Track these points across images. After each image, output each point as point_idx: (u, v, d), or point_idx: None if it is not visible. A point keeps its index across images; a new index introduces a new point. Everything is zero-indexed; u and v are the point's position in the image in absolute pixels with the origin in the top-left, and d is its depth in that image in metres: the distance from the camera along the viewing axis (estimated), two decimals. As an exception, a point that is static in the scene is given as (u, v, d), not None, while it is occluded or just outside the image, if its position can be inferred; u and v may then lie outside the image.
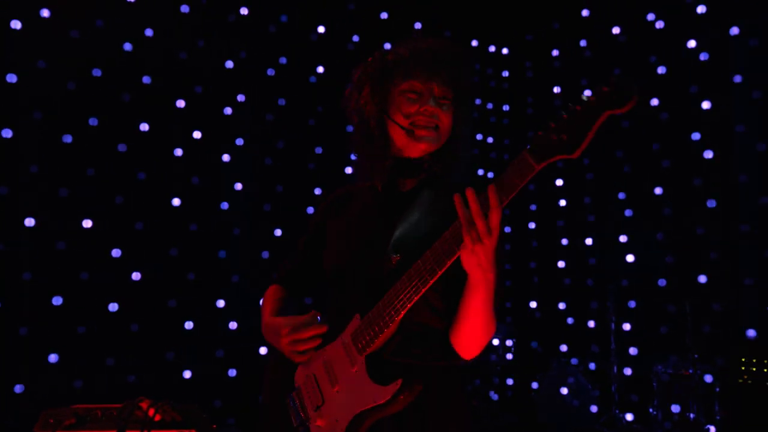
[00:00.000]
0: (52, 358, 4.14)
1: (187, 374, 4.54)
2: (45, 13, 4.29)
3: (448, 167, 1.71)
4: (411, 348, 1.58)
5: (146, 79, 4.60)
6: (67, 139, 4.34)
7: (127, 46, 4.56)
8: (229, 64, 4.90)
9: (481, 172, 5.84)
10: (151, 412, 1.26)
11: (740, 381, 4.27)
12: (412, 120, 1.64)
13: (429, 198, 1.64)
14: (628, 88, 1.23)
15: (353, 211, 1.79)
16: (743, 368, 4.29)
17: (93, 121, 4.42)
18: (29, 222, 4.17)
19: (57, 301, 4.21)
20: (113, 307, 4.36)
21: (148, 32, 4.62)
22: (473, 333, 1.55)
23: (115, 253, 4.41)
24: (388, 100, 1.69)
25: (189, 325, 4.58)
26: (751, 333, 4.43)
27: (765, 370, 4.21)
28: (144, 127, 4.57)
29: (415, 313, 1.49)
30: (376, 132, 1.70)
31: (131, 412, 1.26)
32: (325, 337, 1.65)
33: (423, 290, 1.45)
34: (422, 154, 1.69)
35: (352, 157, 1.83)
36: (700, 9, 4.81)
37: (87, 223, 4.35)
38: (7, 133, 4.13)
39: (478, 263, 1.39)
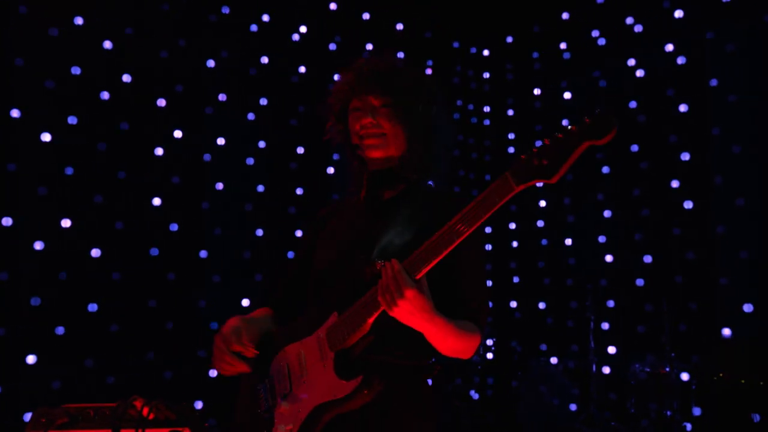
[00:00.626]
0: (30, 359, 4.09)
1: (168, 375, 4.52)
2: (23, 9, 4.24)
3: (421, 172, 1.79)
4: (383, 347, 1.64)
5: (126, 78, 4.56)
6: (46, 137, 4.28)
7: (107, 45, 4.52)
8: (211, 63, 4.88)
9: (462, 172, 5.88)
10: (145, 411, 1.27)
11: (716, 379, 4.34)
12: (360, 134, 1.76)
13: (409, 207, 1.72)
14: (608, 122, 1.33)
15: (340, 220, 1.89)
16: (719, 366, 4.37)
17: (72, 120, 4.37)
18: (6, 221, 4.11)
19: (35, 301, 4.15)
20: (92, 307, 4.32)
21: (129, 30, 4.58)
22: (449, 351, 1.65)
23: (95, 252, 4.37)
24: (348, 122, 1.81)
25: (170, 325, 4.55)
26: (727, 332, 4.51)
27: (740, 368, 4.29)
28: (124, 126, 4.53)
29: (389, 315, 1.53)
30: (349, 152, 1.84)
31: (125, 411, 1.27)
32: (305, 332, 1.72)
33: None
34: (385, 161, 1.78)
35: (335, 157, 1.93)
36: (678, 13, 4.89)
37: (66, 223, 4.30)
38: (-15, 132, 4.08)
39: (402, 317, 1.50)
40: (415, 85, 1.78)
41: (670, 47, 4.94)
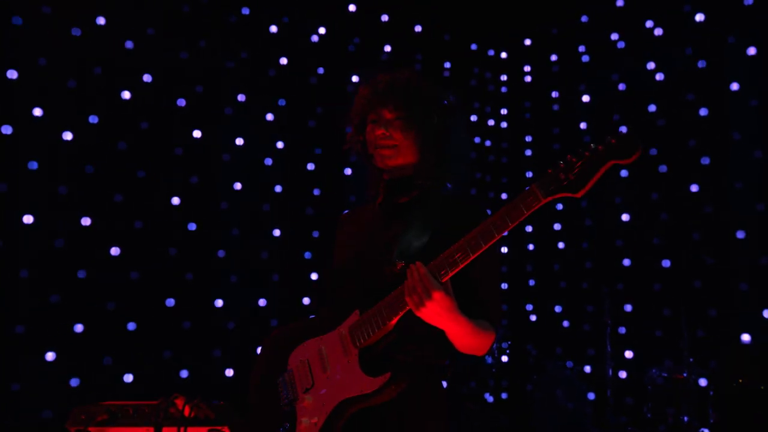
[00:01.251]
0: (49, 356, 4.12)
1: (184, 374, 4.54)
2: (46, 9, 4.27)
3: (434, 179, 1.87)
4: (404, 346, 1.71)
5: (147, 78, 4.59)
6: (67, 136, 4.32)
7: (129, 45, 4.55)
8: (230, 63, 4.90)
9: (478, 175, 5.87)
10: (187, 409, 1.28)
11: (734, 385, 4.31)
12: (375, 144, 1.86)
13: (423, 211, 1.80)
14: (633, 143, 1.41)
15: (357, 224, 1.99)
16: (737, 372, 4.33)
17: (93, 119, 4.40)
18: (28, 219, 4.15)
19: (54, 299, 4.19)
20: (111, 305, 4.35)
21: (150, 31, 4.61)
22: (466, 349, 1.73)
23: (114, 251, 4.40)
24: (365, 134, 1.91)
25: (187, 324, 4.57)
26: (746, 338, 4.49)
27: (758, 374, 4.26)
28: (144, 125, 4.56)
29: (412, 314, 1.59)
30: (366, 161, 1.95)
31: (167, 409, 1.28)
32: (323, 328, 1.80)
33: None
34: (399, 169, 1.86)
35: (352, 159, 2.00)
36: (699, 17, 4.87)
37: (86, 221, 4.33)
38: (7, 130, 4.11)
39: (428, 317, 1.57)
40: (428, 98, 1.85)
41: (690, 51, 4.92)
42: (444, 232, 1.63)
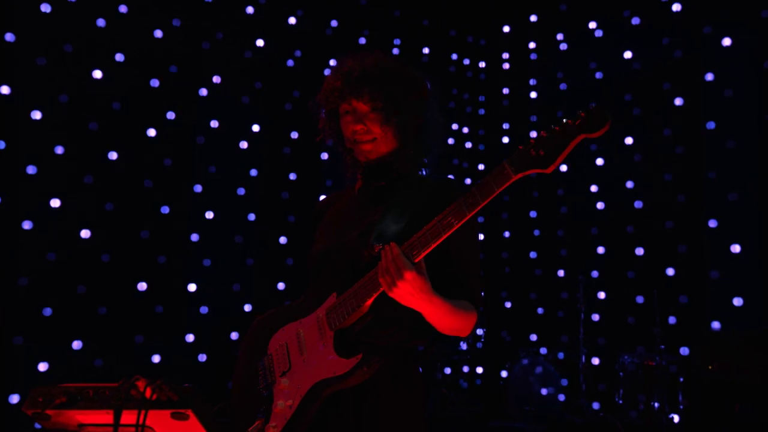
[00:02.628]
0: (17, 340, 4.03)
1: (156, 359, 4.48)
2: (15, -16, 4.15)
3: (413, 164, 1.86)
4: (380, 329, 1.70)
5: (119, 57, 4.49)
6: (36, 115, 4.21)
7: (101, 22, 4.44)
8: (206, 44, 4.82)
9: (456, 161, 5.87)
10: (148, 391, 1.23)
11: (704, 371, 4.37)
12: (352, 139, 1.81)
13: (403, 194, 1.78)
14: (602, 116, 1.42)
15: (338, 209, 1.96)
16: (707, 359, 4.39)
17: (63, 98, 4.29)
18: (-6, 200, 4.04)
19: (22, 281, 4.09)
20: (81, 289, 4.26)
21: (123, 9, 4.50)
22: (447, 330, 1.70)
23: (84, 234, 4.30)
24: (340, 123, 1.86)
25: (159, 308, 4.51)
26: (716, 325, 4.55)
27: (728, 361, 4.32)
28: (116, 105, 4.46)
29: (388, 297, 1.58)
30: (341, 149, 1.91)
31: (128, 392, 1.23)
32: (303, 312, 1.79)
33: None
34: (380, 158, 1.83)
35: (328, 143, 1.94)
36: (676, 7, 4.90)
37: (55, 203, 4.23)
38: (-27, 108, 4.00)
39: (401, 298, 1.55)
40: (404, 85, 1.80)
41: (666, 41, 4.96)
42: (421, 215, 1.61)
